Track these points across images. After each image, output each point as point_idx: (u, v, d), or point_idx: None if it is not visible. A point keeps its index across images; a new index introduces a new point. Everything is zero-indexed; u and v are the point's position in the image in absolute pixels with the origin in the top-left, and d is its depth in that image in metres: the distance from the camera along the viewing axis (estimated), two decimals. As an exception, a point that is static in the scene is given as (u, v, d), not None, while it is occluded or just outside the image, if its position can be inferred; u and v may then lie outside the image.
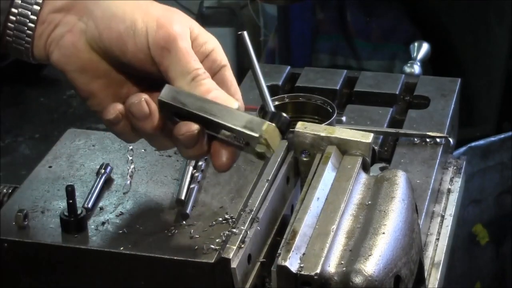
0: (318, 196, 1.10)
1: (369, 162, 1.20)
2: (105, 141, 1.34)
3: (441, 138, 1.40)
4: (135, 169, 1.27)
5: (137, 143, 1.31)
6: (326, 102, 1.38)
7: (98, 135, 1.36)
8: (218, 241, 1.08)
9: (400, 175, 1.14)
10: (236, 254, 1.07)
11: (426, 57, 1.79)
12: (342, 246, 1.04)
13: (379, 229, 1.04)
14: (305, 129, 1.21)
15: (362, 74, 1.60)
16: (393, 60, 3.15)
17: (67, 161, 1.30)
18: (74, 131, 1.38)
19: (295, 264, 1.00)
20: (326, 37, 3.22)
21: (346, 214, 1.09)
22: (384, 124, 1.45)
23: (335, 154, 1.18)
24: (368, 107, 1.50)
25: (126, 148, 1.31)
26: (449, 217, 1.34)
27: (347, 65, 3.15)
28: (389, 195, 1.10)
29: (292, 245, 1.01)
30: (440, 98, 1.52)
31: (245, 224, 1.11)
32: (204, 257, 1.06)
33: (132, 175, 1.26)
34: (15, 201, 1.20)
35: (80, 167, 1.28)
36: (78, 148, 1.33)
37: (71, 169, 1.28)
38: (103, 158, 1.30)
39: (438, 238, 1.30)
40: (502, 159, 2.24)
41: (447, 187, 1.40)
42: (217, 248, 1.07)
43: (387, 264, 1.01)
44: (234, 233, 1.09)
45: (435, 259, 1.26)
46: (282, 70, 1.60)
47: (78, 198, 1.18)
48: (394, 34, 3.16)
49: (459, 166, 1.46)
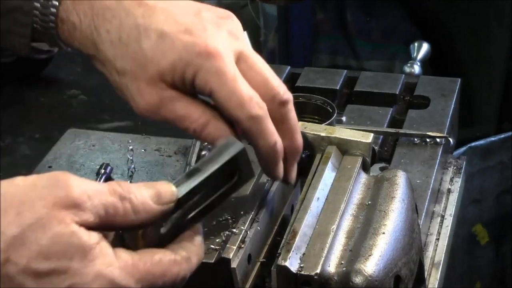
0: (318, 196, 1.10)
1: (369, 162, 1.20)
2: (105, 141, 1.35)
3: (441, 138, 1.40)
4: (135, 169, 1.27)
5: (137, 143, 1.31)
6: (326, 102, 1.38)
7: (98, 135, 1.37)
8: (218, 241, 1.08)
9: (400, 175, 1.14)
10: (236, 254, 1.07)
11: (426, 57, 1.79)
12: (342, 246, 1.04)
13: (379, 229, 1.04)
14: (305, 129, 1.22)
15: (362, 74, 1.60)
16: (393, 60, 3.15)
17: (67, 161, 1.30)
18: (74, 131, 1.38)
19: (295, 264, 1.00)
20: (326, 37, 3.21)
21: (346, 214, 1.09)
22: (384, 124, 1.45)
23: (335, 154, 1.18)
24: (368, 107, 1.50)
25: (126, 148, 1.31)
26: (449, 217, 1.34)
27: (347, 65, 3.15)
28: (389, 195, 1.10)
29: (292, 245, 1.01)
30: (440, 98, 1.52)
31: (245, 224, 1.11)
32: (204, 257, 1.06)
33: (132, 175, 1.26)
34: (15, 201, 1.20)
35: (80, 167, 1.28)
36: (78, 148, 1.33)
37: (71, 169, 1.28)
38: (103, 158, 1.30)
39: (438, 238, 1.29)
40: (502, 159, 2.24)
41: (447, 187, 1.40)
42: (217, 248, 1.07)
43: (387, 264, 1.01)
44: (234, 233, 1.09)
45: (435, 259, 1.26)
46: (282, 70, 1.60)
47: (78, 198, 1.17)
48: (394, 34, 3.16)
49: (459, 166, 1.45)
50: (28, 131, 2.79)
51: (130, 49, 1.07)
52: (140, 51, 1.06)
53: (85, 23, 1.09)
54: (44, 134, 2.75)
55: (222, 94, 1.04)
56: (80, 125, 1.52)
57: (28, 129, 2.92)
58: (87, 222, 0.85)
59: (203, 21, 1.07)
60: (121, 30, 1.07)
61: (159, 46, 1.05)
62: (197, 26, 1.06)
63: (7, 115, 3.45)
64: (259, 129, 1.06)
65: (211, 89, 1.05)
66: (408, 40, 2.19)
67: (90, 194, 0.85)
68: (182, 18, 1.07)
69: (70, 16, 1.10)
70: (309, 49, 3.18)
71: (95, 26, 1.09)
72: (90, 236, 0.85)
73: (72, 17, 1.10)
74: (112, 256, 0.86)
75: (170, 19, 1.07)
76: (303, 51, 3.16)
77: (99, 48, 1.09)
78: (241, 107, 1.05)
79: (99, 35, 1.08)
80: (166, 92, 1.06)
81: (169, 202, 0.90)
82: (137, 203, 0.88)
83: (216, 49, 1.04)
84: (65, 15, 1.11)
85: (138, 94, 1.07)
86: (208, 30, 1.06)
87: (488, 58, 2.94)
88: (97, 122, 2.31)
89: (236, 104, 1.05)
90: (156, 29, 1.06)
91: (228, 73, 1.04)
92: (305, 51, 3.17)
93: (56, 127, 3.41)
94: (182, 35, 1.05)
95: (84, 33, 1.09)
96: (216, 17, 1.09)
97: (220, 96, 1.05)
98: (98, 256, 0.85)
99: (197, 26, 1.06)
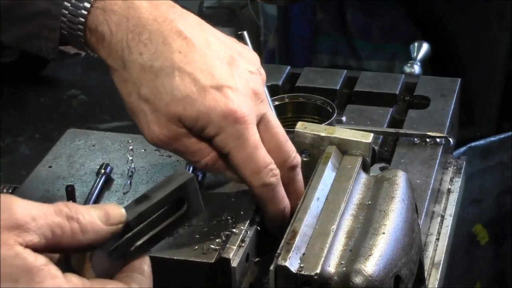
0: (318, 196, 1.10)
1: (369, 162, 1.20)
2: (105, 141, 1.35)
3: (441, 138, 1.40)
4: (135, 169, 1.27)
5: (137, 143, 1.31)
6: (326, 102, 1.38)
7: (98, 135, 1.37)
8: (218, 241, 1.08)
9: (400, 175, 1.14)
10: (236, 254, 1.07)
11: (426, 57, 1.79)
12: (342, 246, 1.04)
13: (379, 229, 1.04)
14: (305, 129, 1.22)
15: (362, 74, 1.60)
16: (393, 60, 3.15)
17: (67, 161, 1.30)
18: (74, 131, 1.38)
19: (295, 264, 1.00)
20: (326, 37, 3.21)
21: (346, 214, 1.09)
22: (384, 124, 1.45)
23: (335, 154, 1.18)
24: (368, 107, 1.50)
25: (126, 148, 1.31)
26: (449, 217, 1.34)
27: (347, 65, 3.15)
28: (389, 195, 1.10)
29: (292, 245, 1.01)
30: (440, 98, 1.52)
31: (245, 224, 1.11)
32: (204, 257, 1.06)
33: (132, 175, 1.26)
34: (15, 201, 1.20)
35: (80, 167, 1.28)
36: (78, 148, 1.33)
37: (71, 169, 1.28)
38: (103, 158, 1.30)
39: (438, 238, 1.29)
40: (502, 159, 2.24)
41: (447, 187, 1.40)
42: (217, 248, 1.07)
43: (387, 264, 1.01)
44: (234, 233, 1.09)
45: (435, 259, 1.26)
46: (282, 70, 1.60)
47: (78, 198, 1.18)
48: (394, 34, 3.16)
49: (459, 166, 1.45)
50: (28, 131, 2.79)
51: (159, 81, 1.06)
52: (170, 89, 1.06)
53: (116, 37, 1.07)
54: (44, 134, 2.76)
55: (240, 159, 1.08)
56: (80, 125, 1.52)
57: (28, 129, 2.92)
58: (32, 243, 0.82)
59: (235, 78, 1.08)
60: (154, 58, 1.07)
61: (190, 93, 1.06)
62: (229, 83, 1.07)
63: (7, 115, 3.44)
64: (270, 196, 1.10)
65: (229, 151, 1.07)
66: (408, 40, 2.19)
67: (34, 215, 0.83)
68: (217, 69, 1.08)
69: (99, 26, 1.08)
70: (309, 49, 3.18)
71: (127, 43, 1.07)
72: (37, 258, 0.82)
73: (101, 27, 1.08)
74: (62, 278, 0.84)
75: (206, 66, 1.07)
76: (303, 51, 3.16)
77: (126, 66, 1.08)
78: (256, 175, 1.08)
79: (131, 54, 1.07)
80: (182, 130, 1.07)
81: (118, 223, 0.88)
82: (85, 223, 0.86)
83: (242, 114, 1.06)
84: (94, 25, 1.08)
85: (156, 124, 1.07)
86: (238, 91, 1.07)
87: (488, 58, 2.95)
88: (97, 122, 2.31)
89: (252, 171, 1.08)
90: (190, 73, 1.06)
91: (249, 140, 1.07)
92: (305, 51, 3.17)
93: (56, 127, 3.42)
94: (214, 91, 1.06)
95: (114, 47, 1.08)
96: (247, 72, 1.11)
97: (238, 161, 1.08)
98: (46, 277, 0.82)
99: (229, 82, 1.07)
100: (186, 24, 1.09)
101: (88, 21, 1.08)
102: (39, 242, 0.83)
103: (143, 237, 0.91)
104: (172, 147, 1.10)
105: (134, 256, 0.91)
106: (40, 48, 1.12)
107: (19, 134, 3.75)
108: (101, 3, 1.08)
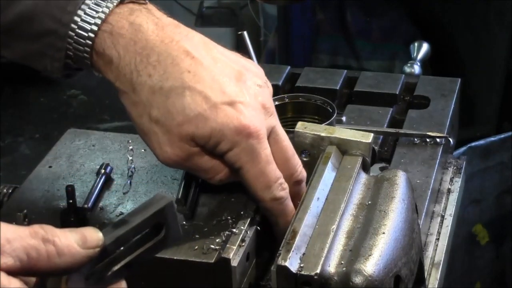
0: (318, 196, 1.10)
1: (369, 162, 1.20)
2: (105, 141, 1.35)
3: (441, 138, 1.40)
4: (135, 169, 1.27)
5: (137, 143, 1.31)
6: (326, 102, 1.38)
7: (98, 135, 1.37)
8: (218, 241, 1.08)
9: (400, 175, 1.14)
10: (236, 253, 1.07)
11: (426, 57, 1.79)
12: (342, 246, 1.04)
13: (379, 229, 1.04)
14: (305, 129, 1.22)
15: (362, 74, 1.60)
16: (393, 60, 3.15)
17: (67, 161, 1.30)
18: (74, 131, 1.38)
19: (295, 264, 1.00)
20: (326, 37, 3.21)
21: (346, 214, 1.09)
22: (384, 124, 1.45)
23: (335, 154, 1.18)
24: (368, 107, 1.50)
25: (126, 148, 1.31)
26: (449, 217, 1.34)
27: (347, 65, 3.15)
28: (389, 195, 1.10)
29: (292, 245, 1.01)
30: (440, 98, 1.52)
31: (245, 224, 1.11)
32: (204, 257, 1.06)
33: (132, 175, 1.26)
34: (15, 201, 1.21)
35: (80, 167, 1.28)
36: (78, 148, 1.33)
37: (71, 169, 1.28)
38: (103, 158, 1.30)
39: (438, 238, 1.29)
40: (502, 159, 2.24)
41: (447, 187, 1.40)
42: (217, 248, 1.07)
43: (387, 264, 1.01)
44: (234, 233, 1.09)
45: (435, 259, 1.26)
46: (282, 70, 1.60)
47: (78, 198, 1.18)
48: (394, 34, 3.16)
49: (459, 166, 1.45)
50: (28, 131, 2.79)
51: (170, 102, 1.07)
52: (181, 108, 1.06)
53: (124, 60, 1.07)
54: (44, 134, 2.75)
55: (252, 174, 1.09)
56: (80, 125, 1.52)
57: (28, 129, 2.92)
58: (6, 265, 0.81)
59: (244, 93, 1.09)
60: (164, 79, 1.07)
61: (201, 111, 1.06)
62: (240, 98, 1.08)
63: (7, 115, 3.45)
64: (280, 209, 1.11)
65: (241, 166, 1.08)
66: (408, 40, 2.19)
67: (9, 237, 0.81)
68: (227, 86, 1.08)
69: (107, 50, 1.08)
70: (309, 49, 3.18)
71: (136, 65, 1.07)
72: (10, 281, 0.80)
73: (109, 51, 1.08)
74: None
75: (215, 83, 1.08)
76: (303, 51, 3.16)
77: (136, 89, 1.08)
78: (267, 189, 1.09)
79: (139, 77, 1.07)
80: (194, 149, 1.08)
81: (95, 247, 0.86)
82: (61, 245, 0.84)
83: (256, 129, 1.07)
84: (101, 48, 1.08)
85: (168, 145, 1.08)
86: (249, 106, 1.08)
87: (488, 58, 2.94)
88: (97, 122, 2.31)
89: (263, 186, 1.09)
90: (201, 91, 1.07)
91: (261, 154, 1.08)
92: (305, 51, 3.17)
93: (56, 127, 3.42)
94: (225, 107, 1.07)
95: (122, 70, 1.08)
96: (255, 86, 1.11)
97: (250, 175, 1.09)
98: None
99: (240, 97, 1.08)
100: (192, 44, 1.09)
101: (95, 44, 1.08)
102: (14, 265, 0.81)
103: (120, 262, 0.90)
104: (185, 166, 1.11)
105: (111, 281, 0.90)
106: (45, 67, 1.12)
107: (19, 134, 3.76)
108: (108, 27, 1.08)
